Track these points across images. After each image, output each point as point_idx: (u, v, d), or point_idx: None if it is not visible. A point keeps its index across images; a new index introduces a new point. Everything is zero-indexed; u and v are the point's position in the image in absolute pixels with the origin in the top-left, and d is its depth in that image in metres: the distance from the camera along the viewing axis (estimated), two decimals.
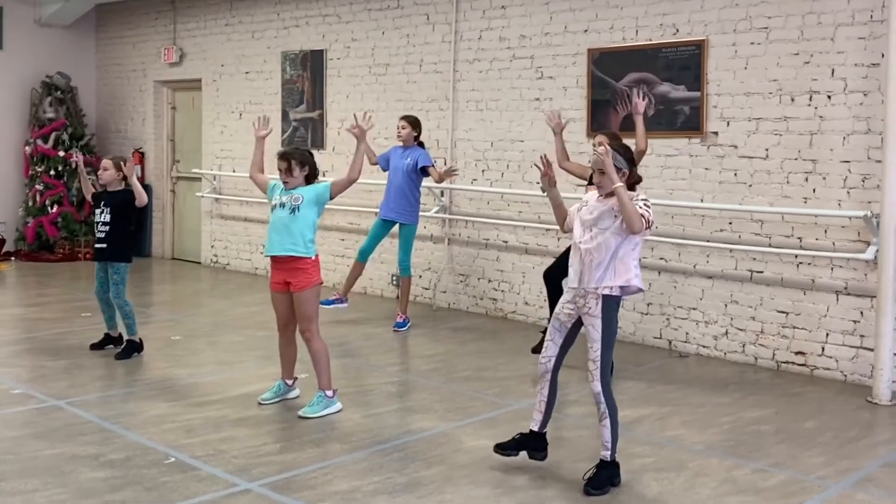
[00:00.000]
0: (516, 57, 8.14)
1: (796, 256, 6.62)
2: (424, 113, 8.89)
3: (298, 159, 5.50)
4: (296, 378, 5.77)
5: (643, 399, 5.98)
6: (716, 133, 6.98)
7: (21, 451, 4.75)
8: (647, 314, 7.46)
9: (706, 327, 7.12)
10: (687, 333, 7.24)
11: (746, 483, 4.52)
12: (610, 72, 7.50)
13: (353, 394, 5.96)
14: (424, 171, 7.79)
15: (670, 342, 7.34)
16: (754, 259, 6.84)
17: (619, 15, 7.46)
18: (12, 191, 12.32)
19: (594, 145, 4.52)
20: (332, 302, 8.09)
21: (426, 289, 9.04)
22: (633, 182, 4.49)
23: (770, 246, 6.73)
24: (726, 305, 7.00)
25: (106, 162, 6.80)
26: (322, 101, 9.83)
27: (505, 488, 4.38)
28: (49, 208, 11.95)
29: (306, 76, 9.96)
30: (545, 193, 4.62)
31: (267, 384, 5.93)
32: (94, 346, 6.88)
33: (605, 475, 4.37)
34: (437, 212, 8.78)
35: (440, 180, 7.86)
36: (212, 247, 11.48)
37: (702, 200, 7.08)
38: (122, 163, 6.76)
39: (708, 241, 7.05)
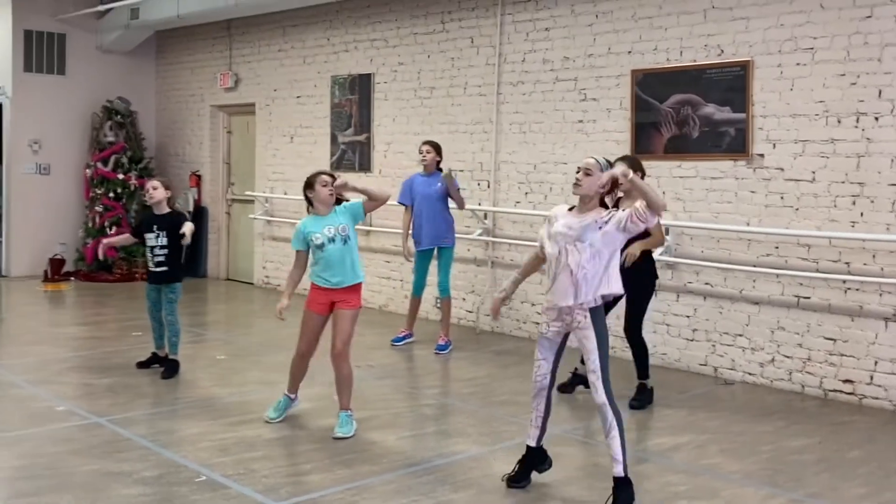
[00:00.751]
0: (559, 79, 8.13)
1: (844, 282, 6.45)
2: (468, 136, 8.92)
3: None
4: (298, 389, 5.82)
5: (682, 427, 5.86)
6: (762, 155, 6.86)
7: (59, 466, 4.86)
8: (692, 340, 7.33)
9: (752, 354, 6.97)
10: (733, 360, 7.09)
11: None
12: (654, 93, 7.44)
13: (389, 416, 5.97)
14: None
15: (716, 369, 7.20)
16: (801, 284, 6.69)
17: (663, 36, 7.40)
18: (73, 212, 12.66)
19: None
20: (402, 338, 8.17)
21: (469, 312, 9.03)
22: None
23: (817, 271, 6.58)
24: (773, 332, 6.85)
25: (155, 182, 6.94)
26: (369, 124, 9.93)
27: None
28: (108, 229, 12.23)
29: (354, 100, 10.07)
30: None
31: (307, 405, 5.98)
32: (140, 365, 7.01)
33: (624, 497, 4.32)
34: (479, 234, 8.77)
35: (461, 205, 7.95)
36: (263, 268, 11.63)
37: (748, 224, 6.95)
38: (170, 187, 6.92)
39: (754, 265, 6.91)
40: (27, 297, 11.01)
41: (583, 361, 6.45)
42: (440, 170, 7.96)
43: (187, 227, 6.68)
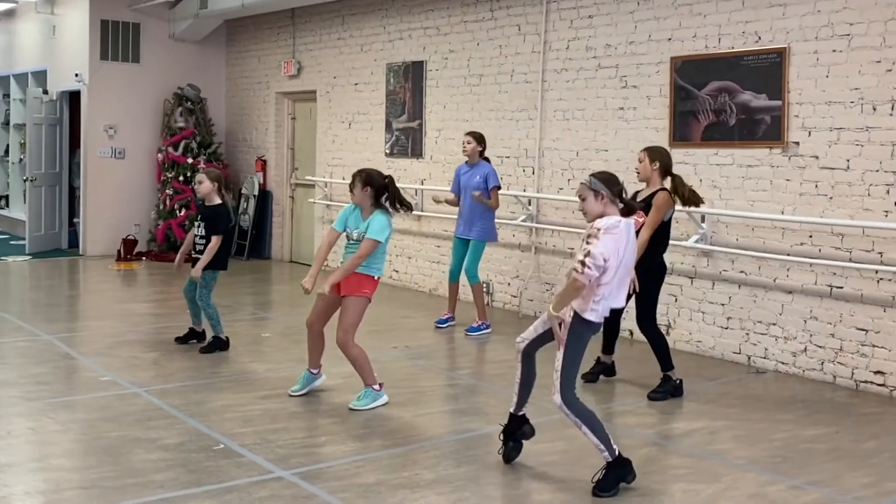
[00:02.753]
0: (602, 66, 8.16)
1: (877, 272, 6.35)
2: (514, 123, 9.02)
3: (362, 179, 5.75)
4: (321, 365, 6.02)
5: (700, 413, 5.89)
6: (797, 143, 6.79)
7: (90, 432, 5.20)
8: (726, 328, 7.31)
9: (785, 343, 6.92)
10: (766, 349, 7.05)
11: (776, 499, 4.43)
12: (692, 80, 7.41)
13: (412, 394, 6.15)
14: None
15: (749, 357, 7.16)
16: (834, 274, 6.61)
17: (702, 23, 7.37)
18: (146, 195, 13.20)
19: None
20: (446, 321, 8.34)
21: (514, 296, 9.15)
22: (629, 212, 4.47)
23: (850, 260, 6.49)
24: (805, 321, 6.79)
25: (201, 176, 7.24)
26: (421, 111, 10.11)
27: (523, 490, 4.46)
28: (177, 212, 12.73)
29: (408, 87, 10.26)
30: None
31: (337, 381, 6.22)
32: (178, 340, 7.36)
33: (613, 476, 4.40)
34: (523, 220, 8.87)
35: (495, 205, 8.07)
36: None
37: (782, 212, 6.89)
38: (219, 178, 7.19)
39: (788, 254, 6.85)
40: (99, 275, 11.57)
41: (605, 350, 6.56)
42: (486, 159, 8.11)
43: (196, 272, 7.02)
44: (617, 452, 4.43)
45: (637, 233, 5.98)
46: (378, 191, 5.77)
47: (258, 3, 11.35)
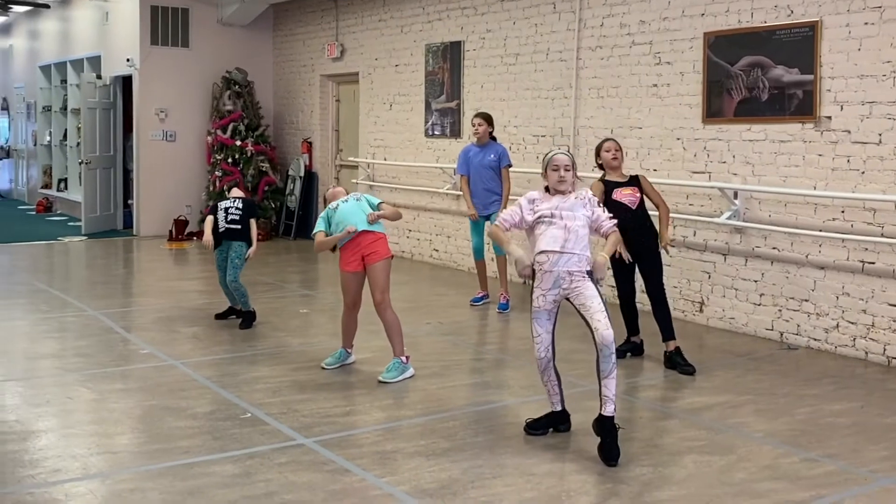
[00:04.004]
0: (636, 43, 8.13)
1: None
2: (550, 101, 9.05)
3: None
4: (352, 346, 6.18)
5: (725, 387, 5.90)
6: (829, 118, 6.72)
7: (125, 401, 5.42)
8: (759, 305, 7.28)
9: (817, 319, 6.87)
10: (798, 325, 7.01)
11: (788, 470, 4.44)
12: (725, 56, 7.36)
13: (439, 367, 6.27)
14: None
15: (781, 334, 7.13)
16: (866, 249, 6.54)
17: None
18: (196, 177, 13.52)
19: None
20: (480, 299, 8.48)
21: None
22: None
23: (882, 236, 6.42)
24: (837, 297, 6.73)
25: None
26: (459, 91, 10.18)
27: (536, 459, 4.54)
28: (226, 192, 12.99)
29: (446, 67, 10.34)
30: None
31: (366, 355, 6.38)
32: (218, 316, 7.58)
33: (615, 438, 4.50)
34: None
35: (508, 186, 8.23)
36: None
37: (814, 188, 6.83)
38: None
39: (820, 230, 6.79)
40: (151, 254, 11.92)
41: (631, 332, 6.61)
42: (494, 138, 8.26)
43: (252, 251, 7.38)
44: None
45: (638, 206, 6.22)
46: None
47: None
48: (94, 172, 13.72)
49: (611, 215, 4.93)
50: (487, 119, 8.27)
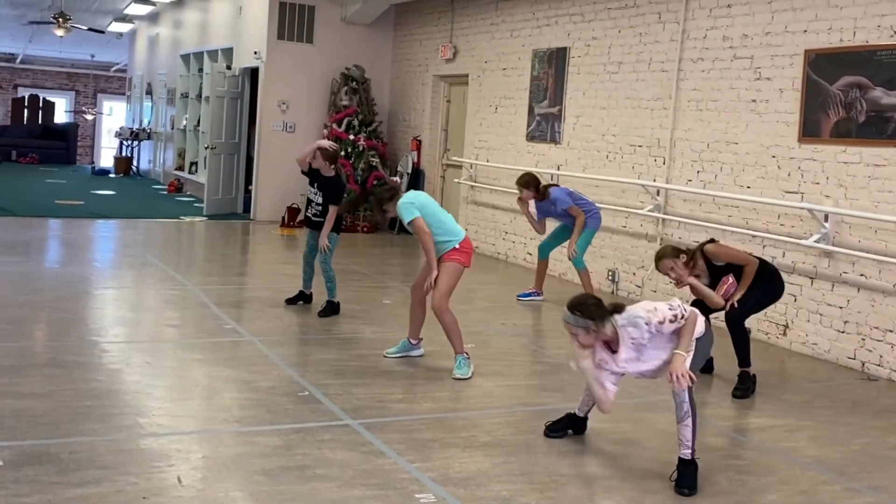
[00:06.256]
0: (737, 57, 8.02)
1: None
2: (649, 112, 9.00)
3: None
4: (420, 339, 6.32)
5: (787, 411, 5.79)
6: None
7: (198, 371, 5.78)
8: (843, 332, 7.07)
9: None
10: (881, 356, 6.78)
11: (824, 498, 4.36)
12: (824, 74, 7.18)
13: (501, 366, 6.39)
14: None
15: (863, 364, 6.91)
16: None
17: (838, 15, 7.12)
18: None
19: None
20: (528, 295, 8.74)
21: (638, 286, 9.16)
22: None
23: None
24: None
25: (318, 153, 7.68)
26: (562, 97, 10.23)
27: (570, 461, 4.61)
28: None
29: (551, 73, 10.41)
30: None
31: (434, 348, 6.54)
32: (289, 301, 7.86)
33: (692, 472, 4.33)
34: (650, 210, 8.86)
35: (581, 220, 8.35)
36: (466, 230, 12.25)
37: None
38: (334, 156, 7.68)
39: None
40: (262, 238, 12.46)
41: None
42: (546, 190, 8.42)
43: (323, 241, 7.49)
44: (694, 456, 4.39)
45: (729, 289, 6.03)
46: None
47: None
48: (219, 158, 14.41)
49: (675, 314, 4.33)
50: (524, 183, 8.41)
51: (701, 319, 4.51)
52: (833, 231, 7.14)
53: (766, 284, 6.11)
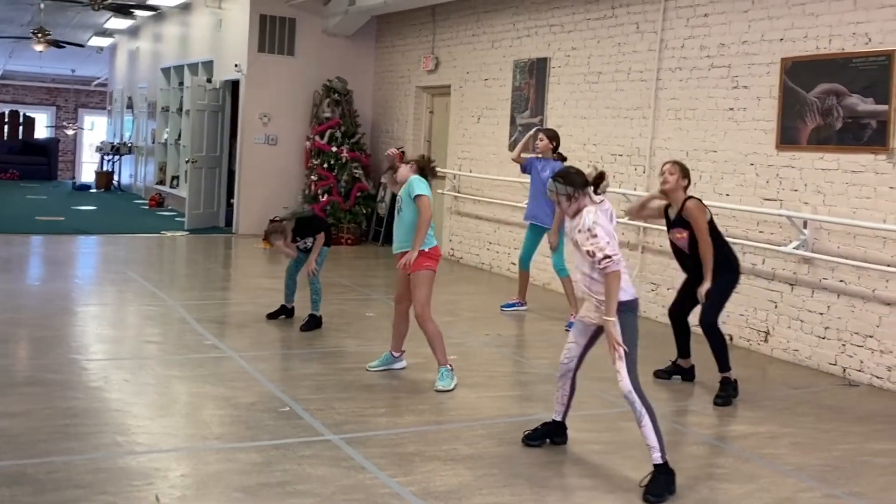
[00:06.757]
0: (714, 65, 8.06)
1: None
2: (629, 121, 9.04)
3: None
4: (403, 351, 6.31)
5: (768, 418, 5.80)
6: None
7: (177, 387, 5.75)
8: (824, 338, 7.10)
9: (881, 357, 6.66)
10: (861, 362, 6.81)
11: None
12: (801, 82, 7.23)
13: (484, 377, 6.38)
14: None
15: (844, 369, 6.94)
16: None
17: (814, 23, 7.17)
18: (294, 180, 13.99)
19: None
20: (512, 305, 8.77)
21: None
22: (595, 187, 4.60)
23: None
24: None
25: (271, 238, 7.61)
26: (543, 107, 10.26)
27: (551, 472, 4.61)
28: (320, 197, 13.43)
29: (532, 83, 10.44)
30: None
31: (417, 360, 6.52)
32: (270, 316, 7.82)
33: (662, 481, 4.34)
34: (631, 219, 8.85)
35: None
36: (450, 241, 12.31)
37: (884, 221, 6.64)
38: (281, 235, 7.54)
39: (888, 265, 6.59)
40: (244, 252, 12.43)
41: (681, 354, 6.54)
42: (562, 157, 8.30)
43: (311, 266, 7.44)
44: (665, 459, 4.39)
45: (688, 247, 6.04)
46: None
47: (399, 0, 11.84)
48: (200, 171, 14.36)
49: (599, 248, 4.41)
50: (550, 135, 8.43)
51: (625, 278, 4.52)
52: (812, 237, 7.17)
53: (729, 274, 6.13)
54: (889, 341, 6.60)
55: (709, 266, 5.97)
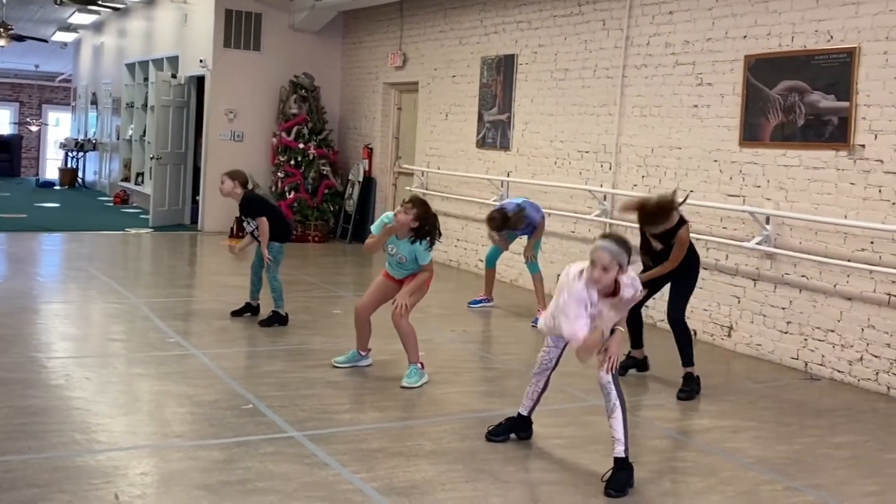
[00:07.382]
0: (679, 63, 8.11)
1: None
2: (595, 118, 9.07)
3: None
4: (369, 349, 6.30)
5: (731, 412, 5.85)
6: (863, 146, 6.60)
7: (139, 385, 5.68)
8: (786, 333, 7.17)
9: (842, 351, 6.74)
10: (823, 356, 6.89)
11: (765, 497, 4.41)
12: (764, 79, 7.29)
13: (450, 374, 6.37)
14: None
15: (806, 364, 7.01)
16: (893, 282, 6.39)
17: (777, 21, 7.23)
18: (261, 177, 13.69)
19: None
20: (479, 301, 8.83)
21: None
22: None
23: None
24: (863, 330, 6.59)
25: (223, 177, 7.70)
26: (510, 104, 10.27)
27: (514, 467, 4.61)
28: (287, 194, 13.34)
29: (499, 80, 10.45)
30: None
31: (383, 357, 6.50)
32: (234, 313, 7.75)
33: (624, 476, 4.36)
34: (598, 215, 8.91)
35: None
36: None
37: (845, 217, 6.71)
38: (239, 176, 7.60)
39: (849, 260, 6.67)
40: (209, 249, 12.33)
41: (634, 345, 6.57)
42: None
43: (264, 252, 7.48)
44: (627, 454, 4.40)
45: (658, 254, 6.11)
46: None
47: None
48: (165, 168, 14.23)
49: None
50: (498, 228, 8.18)
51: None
52: (774, 233, 7.24)
53: (695, 270, 6.25)
54: (850, 336, 6.68)
55: (666, 271, 6.10)
